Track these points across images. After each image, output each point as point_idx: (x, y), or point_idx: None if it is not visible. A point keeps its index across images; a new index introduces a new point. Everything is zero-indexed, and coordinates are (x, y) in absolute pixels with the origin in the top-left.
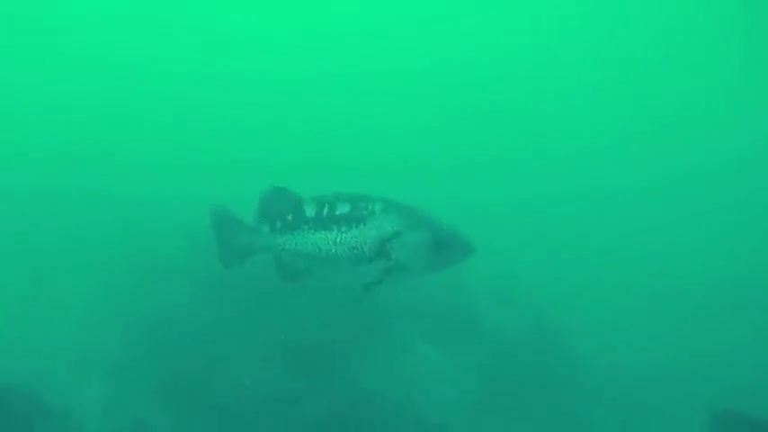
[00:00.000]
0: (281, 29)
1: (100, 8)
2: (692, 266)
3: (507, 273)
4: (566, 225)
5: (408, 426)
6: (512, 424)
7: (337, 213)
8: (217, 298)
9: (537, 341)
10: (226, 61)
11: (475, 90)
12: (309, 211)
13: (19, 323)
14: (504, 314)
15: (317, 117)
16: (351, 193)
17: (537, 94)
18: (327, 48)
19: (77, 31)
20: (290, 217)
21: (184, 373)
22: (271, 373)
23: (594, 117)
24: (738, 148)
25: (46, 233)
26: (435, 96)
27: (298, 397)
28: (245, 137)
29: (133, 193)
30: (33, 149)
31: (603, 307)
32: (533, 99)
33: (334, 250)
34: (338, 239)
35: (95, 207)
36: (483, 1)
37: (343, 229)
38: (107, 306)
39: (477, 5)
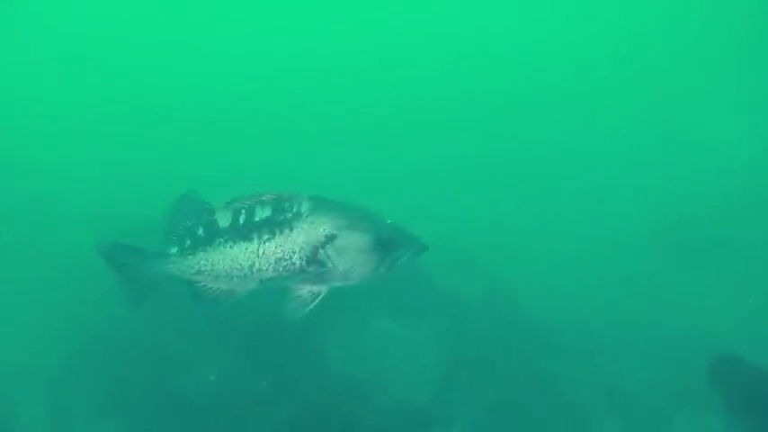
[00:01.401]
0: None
1: None
2: (633, 216)
3: (458, 239)
4: (508, 189)
5: (380, 408)
6: (480, 392)
7: (257, 219)
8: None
9: (494, 305)
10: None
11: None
12: (223, 221)
13: None
14: (461, 281)
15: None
16: (273, 192)
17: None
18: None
19: None
20: (201, 231)
21: (139, 376)
22: (235, 367)
23: (537, 73)
24: (657, 95)
25: None
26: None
27: (267, 390)
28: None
29: (62, 193)
30: None
31: (552, 265)
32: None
33: (257, 265)
34: (261, 251)
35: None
36: None
37: (266, 237)
38: (47, 312)
39: None
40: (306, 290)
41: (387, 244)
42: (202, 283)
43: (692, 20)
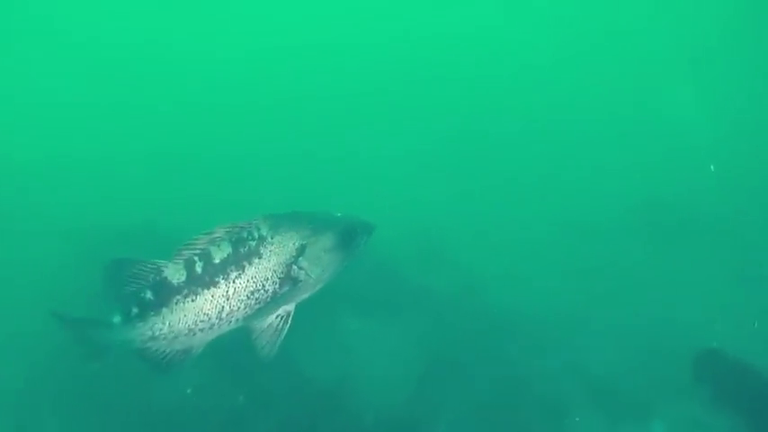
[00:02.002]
0: None
1: None
2: (601, 200)
3: (427, 231)
4: (474, 178)
5: (360, 416)
6: (459, 391)
7: (217, 262)
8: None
9: (467, 299)
10: None
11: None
12: (177, 276)
13: None
14: (431, 275)
15: None
16: (224, 226)
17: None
18: None
19: None
20: (149, 295)
21: (114, 390)
22: (211, 380)
23: (499, 61)
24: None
25: None
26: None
27: (244, 404)
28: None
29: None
30: None
31: (522, 253)
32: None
33: (227, 308)
34: (231, 291)
35: None
36: None
37: (234, 275)
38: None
39: None
40: (272, 318)
41: (349, 236)
42: (154, 349)
43: (654, 4)
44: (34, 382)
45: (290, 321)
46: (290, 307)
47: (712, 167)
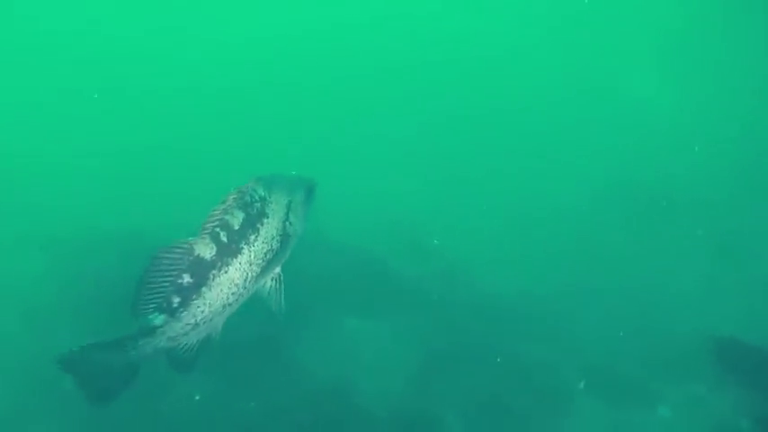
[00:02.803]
0: None
1: None
2: (574, 182)
3: (407, 221)
4: (450, 169)
5: (370, 416)
6: (460, 385)
7: (237, 228)
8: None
9: (455, 289)
10: None
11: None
12: (208, 252)
13: None
14: (417, 267)
15: None
16: (230, 194)
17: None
18: None
19: None
20: (187, 279)
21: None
22: (219, 385)
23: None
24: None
25: None
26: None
27: (255, 409)
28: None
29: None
30: None
31: (502, 239)
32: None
33: (250, 274)
34: (252, 257)
35: None
36: None
37: (252, 238)
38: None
39: None
40: (268, 281)
41: (311, 190)
42: (184, 343)
43: None
44: (47, 389)
45: (282, 282)
46: (278, 269)
47: (696, 148)
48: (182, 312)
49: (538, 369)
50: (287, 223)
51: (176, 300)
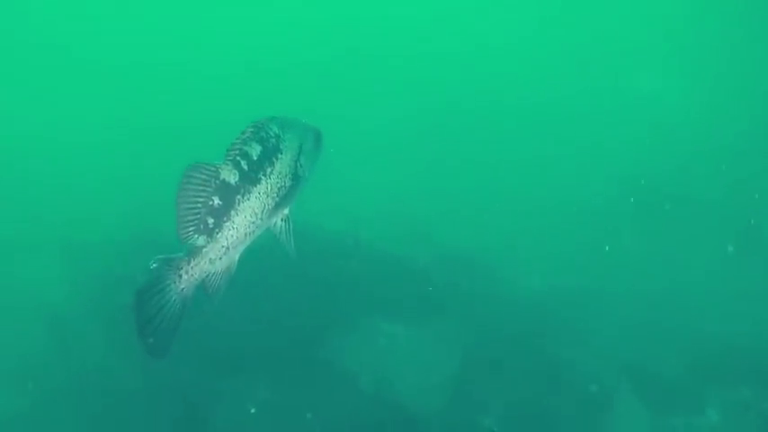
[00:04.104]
0: None
1: None
2: (592, 180)
3: (423, 220)
4: (465, 162)
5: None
6: (498, 390)
7: (255, 159)
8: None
9: (484, 289)
10: None
11: None
12: (231, 177)
13: None
14: (444, 269)
15: None
16: (249, 127)
17: None
18: None
19: None
20: (217, 201)
21: (174, 412)
22: (274, 397)
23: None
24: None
25: None
26: None
27: (312, 421)
28: None
29: None
30: None
31: (525, 241)
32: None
33: (266, 205)
34: (268, 189)
35: None
36: None
37: (269, 170)
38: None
39: None
40: (278, 221)
41: (321, 136)
42: (215, 270)
43: None
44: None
45: (291, 222)
46: (287, 210)
47: (723, 167)
48: (217, 233)
49: (577, 372)
50: (298, 164)
51: (211, 221)
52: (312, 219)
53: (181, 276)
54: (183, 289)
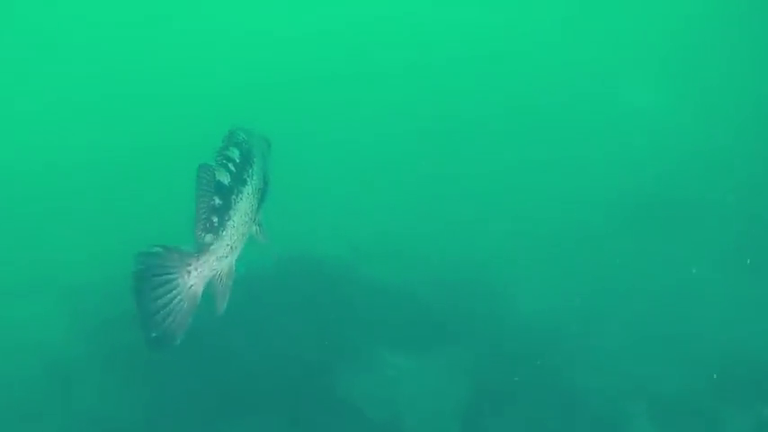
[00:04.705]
0: None
1: None
2: (587, 193)
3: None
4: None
5: None
6: (509, 420)
7: (238, 162)
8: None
9: (494, 316)
10: None
11: None
12: (225, 178)
13: None
14: (446, 292)
15: None
16: (224, 137)
17: None
18: None
19: None
20: (217, 200)
21: None
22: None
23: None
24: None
25: None
26: None
27: None
28: None
29: None
30: None
31: (527, 261)
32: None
33: (252, 204)
34: (252, 190)
35: None
36: None
37: (250, 172)
38: None
39: None
40: (254, 226)
41: (270, 144)
42: (220, 269)
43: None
44: None
45: (265, 226)
46: (259, 216)
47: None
48: (222, 232)
49: (592, 398)
50: (266, 168)
51: (215, 219)
52: (311, 246)
53: (190, 272)
54: (191, 286)
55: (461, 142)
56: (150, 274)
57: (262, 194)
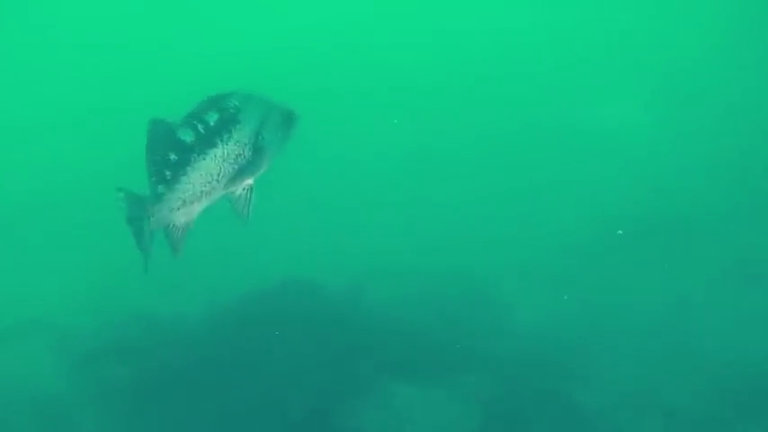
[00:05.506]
0: None
1: None
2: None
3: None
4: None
5: None
6: None
7: (212, 125)
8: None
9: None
10: None
11: None
12: (187, 136)
13: None
14: (443, 315)
15: None
16: (207, 97)
17: None
18: None
19: None
20: (173, 156)
21: None
22: None
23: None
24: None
25: None
26: None
27: None
28: None
29: None
30: None
31: (530, 278)
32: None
33: (222, 170)
34: (225, 153)
35: None
36: None
37: (226, 137)
38: None
39: None
40: (239, 190)
41: (291, 117)
42: (174, 221)
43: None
44: None
45: (252, 193)
46: (251, 180)
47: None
48: (175, 185)
49: (604, 419)
50: (259, 136)
51: (168, 173)
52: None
53: (149, 218)
54: (147, 227)
55: (448, 168)
56: (133, 218)
57: (250, 162)
